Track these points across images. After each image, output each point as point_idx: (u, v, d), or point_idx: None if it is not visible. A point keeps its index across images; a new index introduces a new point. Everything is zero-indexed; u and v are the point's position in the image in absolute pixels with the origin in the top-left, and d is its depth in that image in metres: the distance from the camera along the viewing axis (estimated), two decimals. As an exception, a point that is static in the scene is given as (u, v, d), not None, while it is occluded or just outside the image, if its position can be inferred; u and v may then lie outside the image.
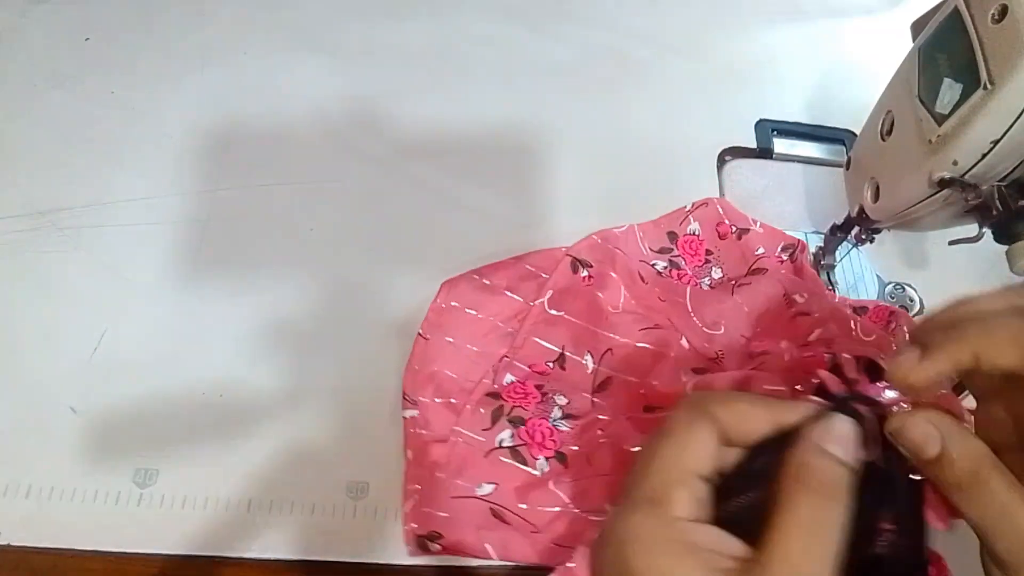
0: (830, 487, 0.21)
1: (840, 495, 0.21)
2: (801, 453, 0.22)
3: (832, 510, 0.21)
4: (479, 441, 0.50)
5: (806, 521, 0.21)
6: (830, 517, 0.21)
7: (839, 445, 0.22)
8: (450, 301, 0.56)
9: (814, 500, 0.21)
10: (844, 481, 0.22)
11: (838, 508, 0.21)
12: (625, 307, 0.56)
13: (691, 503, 0.22)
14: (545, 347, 0.54)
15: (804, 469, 0.22)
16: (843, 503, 0.21)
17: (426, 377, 0.53)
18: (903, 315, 0.57)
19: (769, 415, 0.24)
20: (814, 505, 0.21)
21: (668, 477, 0.23)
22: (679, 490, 0.22)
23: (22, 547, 0.47)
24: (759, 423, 0.24)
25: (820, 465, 0.22)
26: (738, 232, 0.61)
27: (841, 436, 0.23)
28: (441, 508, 0.47)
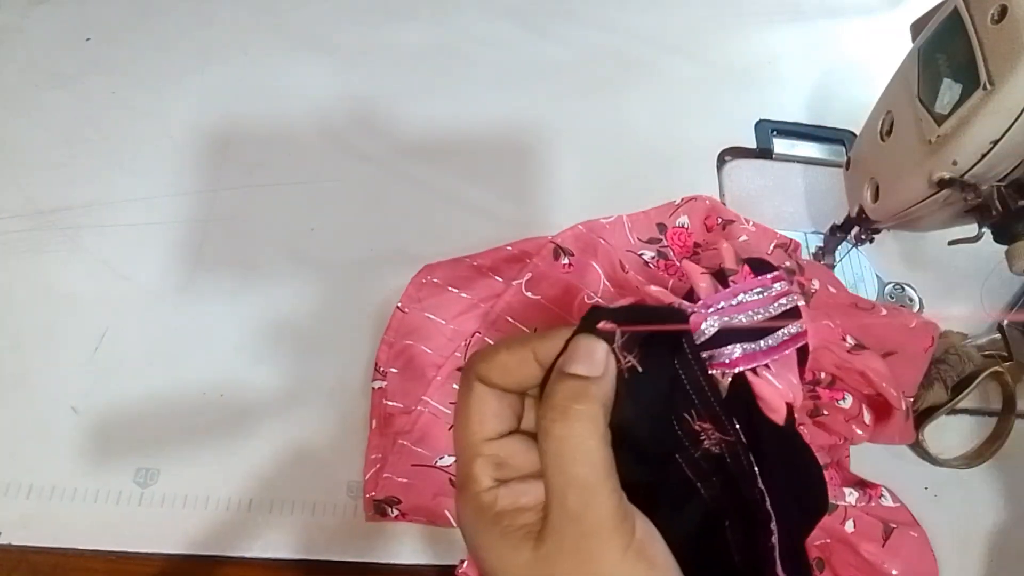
0: (565, 406, 0.22)
1: (578, 410, 0.22)
2: (548, 386, 0.23)
3: (572, 427, 0.22)
4: (445, 413, 0.50)
5: (555, 451, 0.22)
6: (574, 435, 0.21)
7: (579, 362, 0.23)
8: (431, 277, 0.57)
9: (555, 427, 0.22)
10: (584, 393, 0.22)
11: (580, 423, 0.22)
12: (604, 294, 0.56)
13: (487, 471, 0.23)
14: (517, 327, 0.55)
15: (545, 399, 0.22)
16: (586, 415, 0.22)
17: (400, 350, 0.54)
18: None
19: (530, 355, 0.24)
20: (555, 431, 0.22)
21: (463, 455, 0.24)
22: (473, 464, 0.23)
23: (23, 546, 0.47)
24: (526, 367, 0.24)
25: (558, 390, 0.22)
26: (723, 223, 0.61)
27: (582, 352, 0.23)
28: (401, 474, 0.48)
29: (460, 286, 0.56)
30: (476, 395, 0.24)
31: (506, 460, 0.24)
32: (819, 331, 0.45)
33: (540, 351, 0.24)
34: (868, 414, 0.48)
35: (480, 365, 0.24)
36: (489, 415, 0.24)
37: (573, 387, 0.22)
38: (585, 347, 0.23)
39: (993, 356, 0.58)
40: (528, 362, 0.24)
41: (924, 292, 0.62)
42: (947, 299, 0.63)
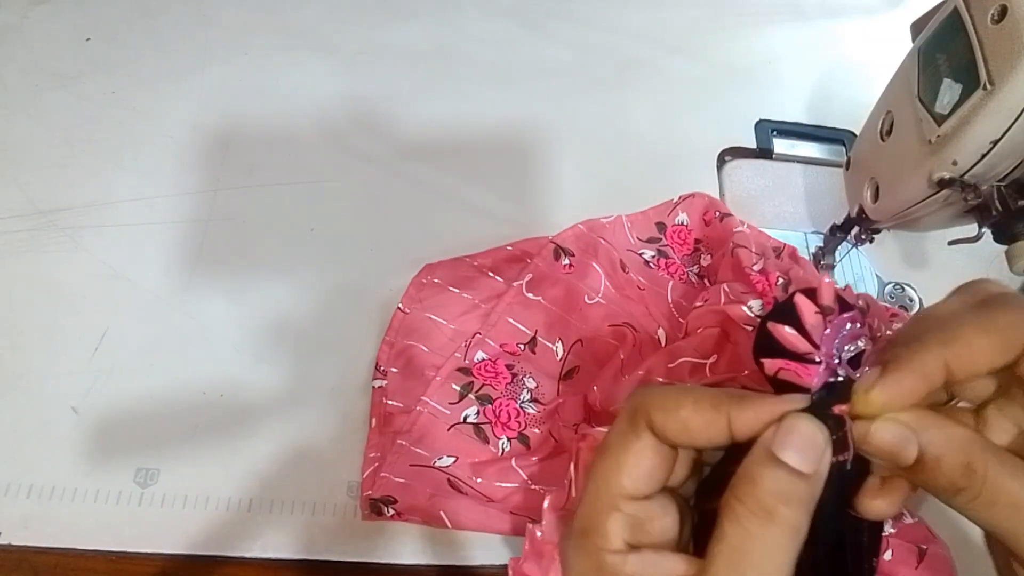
0: (772, 505, 0.18)
1: (785, 517, 0.18)
2: (748, 460, 0.19)
3: (772, 534, 0.18)
4: (444, 414, 0.51)
5: (739, 547, 0.18)
6: (769, 541, 0.18)
7: (797, 452, 0.18)
8: (432, 278, 0.57)
9: (753, 523, 0.18)
10: (794, 497, 0.18)
11: (780, 529, 0.18)
12: (604, 295, 0.56)
13: (621, 531, 0.20)
14: (518, 328, 0.55)
15: (745, 480, 0.19)
16: (789, 525, 0.18)
17: (400, 350, 0.54)
18: (904, 316, 0.57)
19: (724, 422, 0.20)
20: (752, 529, 0.18)
21: (599, 504, 0.21)
22: (608, 519, 0.20)
23: (23, 546, 0.47)
24: (713, 431, 0.20)
25: (766, 479, 0.18)
26: (720, 215, 0.61)
27: (802, 439, 0.19)
28: (398, 474, 0.48)
29: (461, 286, 0.56)
30: (640, 445, 0.20)
31: (644, 523, 0.21)
32: None
33: (738, 420, 0.20)
34: None
35: (656, 414, 0.20)
36: (645, 471, 0.21)
37: (784, 483, 0.18)
38: (805, 433, 0.19)
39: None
40: (718, 427, 0.20)
41: (924, 292, 0.62)
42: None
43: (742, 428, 0.20)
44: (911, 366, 0.19)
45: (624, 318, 0.56)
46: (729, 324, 0.51)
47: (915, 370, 0.19)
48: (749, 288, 0.53)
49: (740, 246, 0.56)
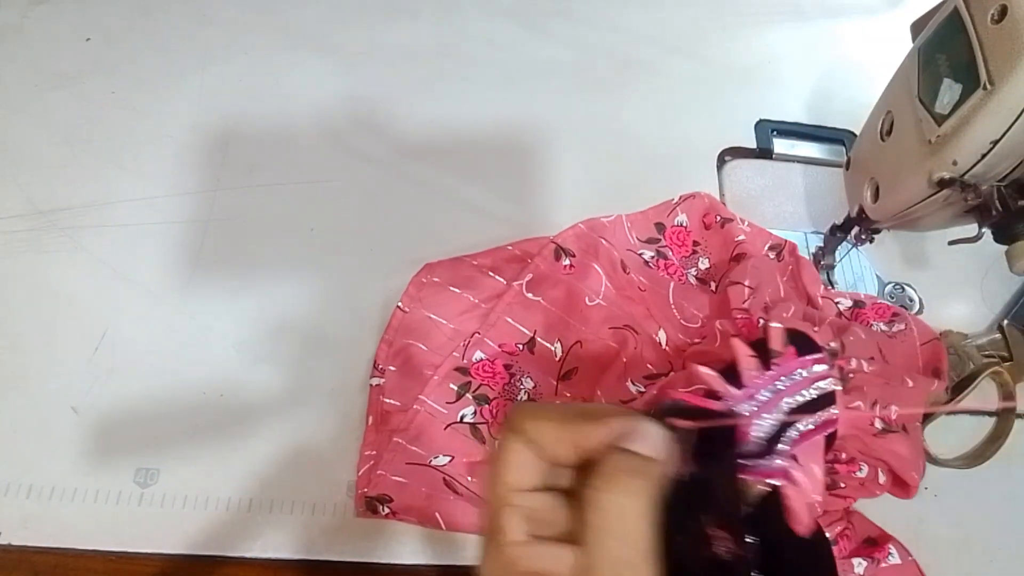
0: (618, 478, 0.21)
1: (636, 485, 0.21)
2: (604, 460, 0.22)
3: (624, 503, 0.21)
4: (441, 413, 0.51)
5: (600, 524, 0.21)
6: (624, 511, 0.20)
7: (642, 442, 0.22)
8: (432, 277, 0.57)
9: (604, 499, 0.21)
10: (637, 469, 0.21)
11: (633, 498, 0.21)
12: (605, 296, 0.56)
13: (519, 523, 0.22)
14: (517, 329, 0.55)
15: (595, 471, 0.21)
16: (638, 494, 0.21)
17: (399, 349, 0.54)
18: (906, 315, 0.57)
19: (573, 437, 0.22)
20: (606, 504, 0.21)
21: (495, 504, 0.22)
22: (505, 514, 0.22)
23: (23, 546, 0.47)
24: (563, 446, 0.22)
25: (611, 460, 0.21)
26: (722, 220, 0.61)
27: (644, 436, 0.22)
28: (395, 473, 0.48)
29: (461, 286, 0.56)
30: (514, 443, 0.23)
31: (538, 514, 0.23)
32: (850, 418, 0.47)
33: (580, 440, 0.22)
34: (883, 475, 0.49)
35: (527, 424, 0.23)
36: (526, 466, 0.23)
37: (630, 461, 0.21)
38: (647, 430, 0.22)
39: (993, 356, 0.58)
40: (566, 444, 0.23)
41: (924, 292, 0.62)
42: (947, 299, 0.62)
43: (584, 445, 0.22)
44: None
45: (625, 320, 0.55)
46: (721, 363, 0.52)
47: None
48: (736, 329, 0.53)
49: (735, 282, 0.55)
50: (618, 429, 0.22)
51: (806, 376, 0.28)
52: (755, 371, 0.27)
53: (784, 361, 0.28)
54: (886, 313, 0.57)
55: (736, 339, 0.27)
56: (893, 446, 0.48)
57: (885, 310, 0.57)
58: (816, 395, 0.28)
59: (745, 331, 0.52)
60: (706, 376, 0.27)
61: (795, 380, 0.28)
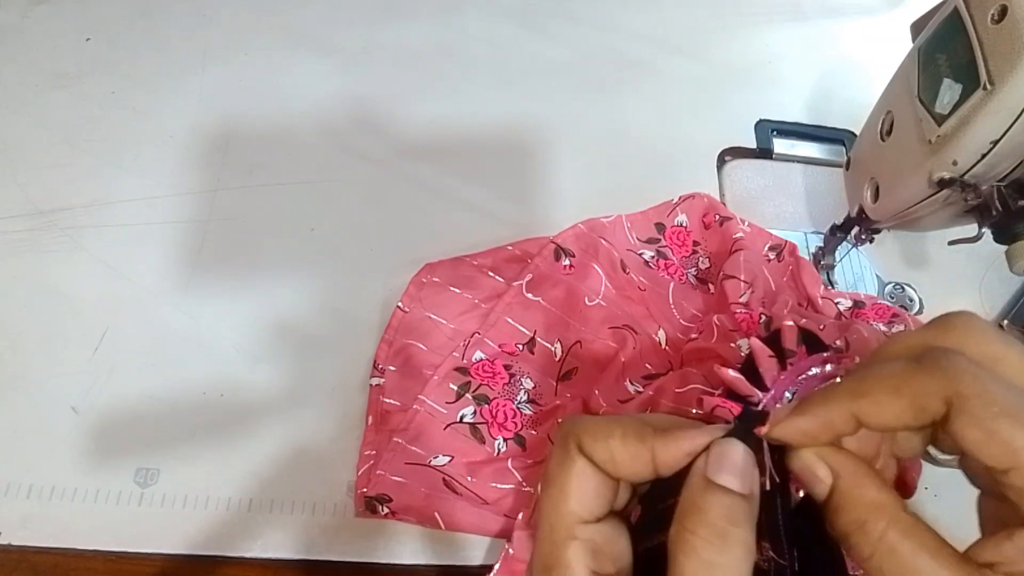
0: (724, 528, 0.19)
1: (738, 536, 0.19)
2: (688, 491, 0.20)
3: (730, 555, 0.18)
4: (441, 413, 0.51)
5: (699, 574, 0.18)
6: (728, 563, 0.18)
7: (732, 475, 0.19)
8: (432, 277, 0.57)
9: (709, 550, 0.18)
10: (741, 517, 0.19)
11: (735, 550, 0.18)
12: (605, 296, 0.56)
13: (583, 558, 0.20)
14: (517, 329, 0.55)
15: (692, 511, 0.19)
16: (743, 544, 0.19)
17: (399, 348, 0.54)
18: (905, 316, 0.57)
19: (648, 456, 0.20)
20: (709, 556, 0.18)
21: (556, 537, 0.21)
22: (567, 550, 0.20)
23: (23, 547, 0.47)
24: (638, 465, 0.20)
25: (711, 503, 0.19)
26: (720, 219, 0.61)
27: (734, 463, 0.19)
28: (394, 472, 0.48)
29: (461, 286, 0.56)
30: (579, 469, 0.21)
31: (602, 547, 0.21)
32: None
33: (661, 455, 0.20)
34: None
35: (586, 440, 0.21)
36: (591, 492, 0.21)
37: (729, 506, 0.19)
38: (735, 456, 0.20)
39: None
40: (642, 461, 0.20)
41: (924, 292, 0.62)
42: (947, 299, 0.63)
43: (666, 461, 0.20)
44: (814, 412, 0.20)
45: (625, 320, 0.56)
46: (721, 361, 0.51)
47: (818, 416, 0.20)
48: (735, 324, 0.53)
49: (730, 276, 0.55)
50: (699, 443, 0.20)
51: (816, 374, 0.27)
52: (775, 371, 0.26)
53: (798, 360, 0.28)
54: (886, 314, 0.57)
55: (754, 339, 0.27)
56: None
57: (885, 311, 0.57)
58: None
59: (745, 327, 0.52)
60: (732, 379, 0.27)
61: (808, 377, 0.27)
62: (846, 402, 0.20)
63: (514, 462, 0.49)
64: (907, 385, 0.19)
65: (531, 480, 0.49)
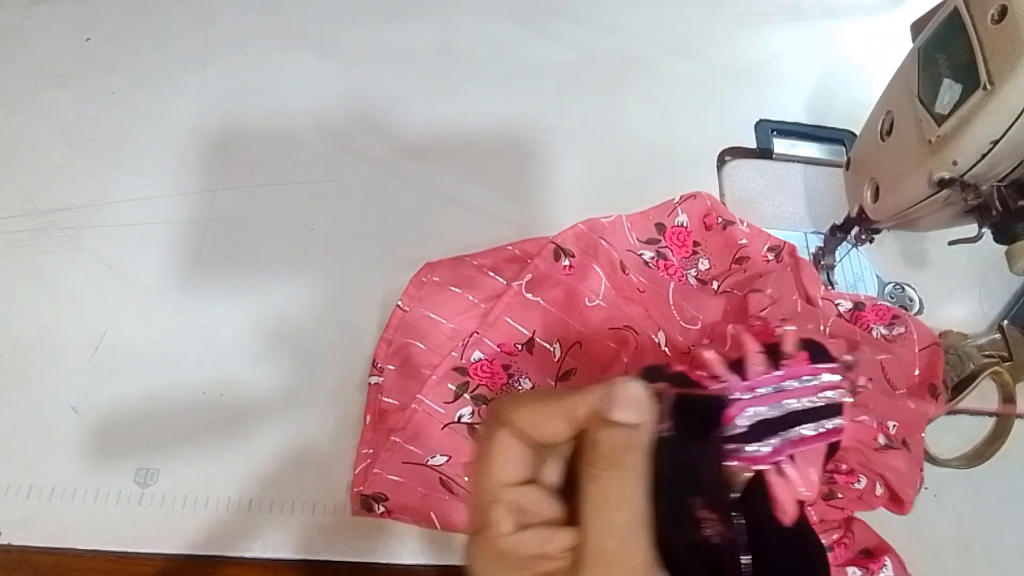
0: (616, 457, 0.22)
1: (632, 462, 0.22)
2: (589, 430, 0.22)
3: (623, 477, 0.22)
4: (439, 413, 0.51)
5: (601, 498, 0.22)
6: (623, 486, 0.22)
7: (623, 408, 0.22)
8: (432, 276, 0.57)
9: (605, 476, 0.22)
10: (631, 445, 0.22)
11: (629, 474, 0.22)
12: (605, 297, 0.56)
13: (507, 516, 0.23)
14: (516, 329, 0.55)
15: (590, 447, 0.22)
16: (633, 465, 0.22)
17: (398, 347, 0.54)
18: (906, 318, 0.57)
19: (562, 411, 0.23)
20: (606, 480, 0.22)
21: (484, 498, 0.23)
22: (495, 508, 0.23)
23: (23, 547, 0.47)
24: (556, 422, 0.23)
25: (606, 438, 0.22)
26: (723, 223, 0.61)
27: (625, 398, 0.22)
28: (391, 472, 0.48)
29: (461, 285, 0.56)
30: (500, 439, 0.23)
31: (526, 507, 0.23)
32: (855, 430, 0.48)
33: (579, 409, 0.23)
34: (880, 488, 0.50)
35: (509, 412, 0.23)
36: (512, 460, 0.23)
37: (621, 437, 0.22)
38: (628, 392, 0.22)
39: (993, 356, 0.58)
40: (558, 419, 0.23)
41: (924, 292, 0.62)
42: (947, 299, 0.63)
43: (577, 416, 0.23)
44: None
45: (625, 321, 0.55)
46: None
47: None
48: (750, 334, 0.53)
49: (756, 290, 0.55)
50: (601, 393, 0.23)
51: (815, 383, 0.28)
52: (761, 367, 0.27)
53: (793, 364, 0.28)
54: (886, 315, 0.57)
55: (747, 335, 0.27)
56: (892, 461, 0.49)
57: (885, 312, 0.57)
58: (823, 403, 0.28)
59: (760, 337, 0.52)
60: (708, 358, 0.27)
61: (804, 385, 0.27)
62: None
63: None
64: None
65: None
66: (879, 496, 0.49)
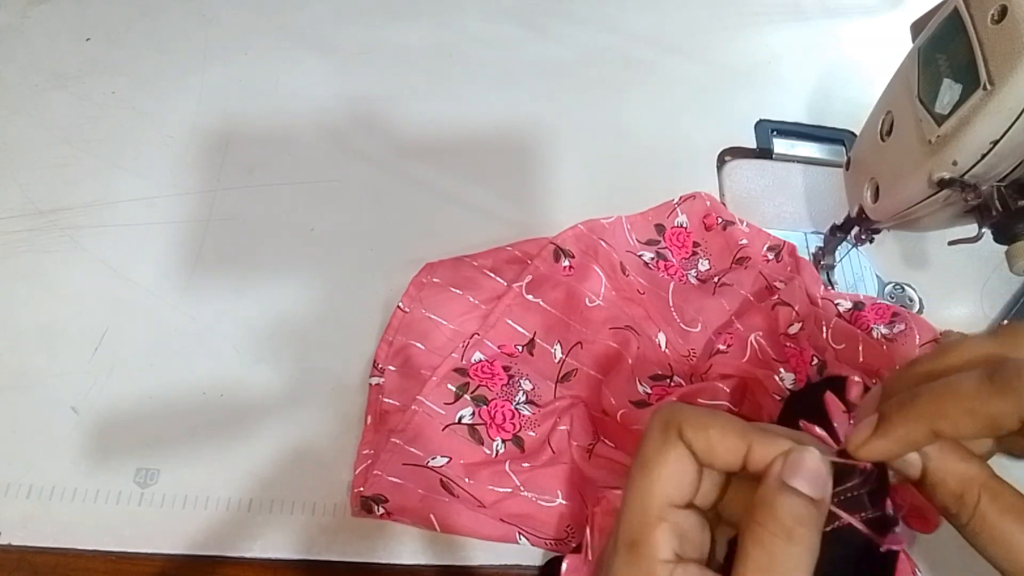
0: (791, 527, 0.20)
1: (803, 536, 0.20)
2: (763, 489, 0.21)
3: (793, 552, 0.20)
4: (439, 414, 0.50)
5: (766, 564, 0.20)
6: (790, 559, 0.20)
7: (805, 480, 0.20)
8: (432, 277, 0.57)
9: (775, 543, 0.20)
10: (808, 520, 0.20)
11: (800, 550, 0.20)
12: (605, 297, 0.56)
13: (671, 540, 0.21)
14: (517, 330, 0.55)
15: (763, 506, 0.21)
16: (806, 544, 0.20)
17: (399, 348, 0.54)
18: (906, 315, 0.57)
19: (743, 450, 0.22)
20: (774, 549, 0.20)
21: (645, 516, 0.22)
22: (656, 529, 0.21)
23: (23, 547, 0.47)
24: (731, 457, 0.22)
25: (781, 502, 0.20)
26: (723, 224, 0.61)
27: (809, 471, 0.21)
28: (391, 473, 0.48)
29: (461, 286, 0.56)
30: (678, 454, 0.22)
31: (687, 533, 0.22)
32: None
33: (757, 451, 0.22)
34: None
35: (687, 428, 0.22)
36: (686, 478, 0.22)
37: (800, 507, 0.20)
38: (810, 463, 0.21)
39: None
40: (737, 454, 0.22)
41: (924, 292, 0.62)
42: (947, 299, 0.63)
43: (759, 457, 0.21)
44: (896, 434, 0.22)
45: (626, 321, 0.55)
46: (754, 383, 0.51)
47: (900, 438, 0.22)
48: (780, 355, 0.52)
49: (785, 303, 0.55)
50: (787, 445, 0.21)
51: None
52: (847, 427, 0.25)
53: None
54: (886, 314, 0.57)
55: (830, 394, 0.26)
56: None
57: (885, 311, 0.57)
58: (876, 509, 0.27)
59: (793, 363, 0.52)
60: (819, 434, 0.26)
61: None
62: (925, 423, 0.21)
63: (512, 465, 0.49)
64: (984, 407, 0.20)
65: (529, 485, 0.49)
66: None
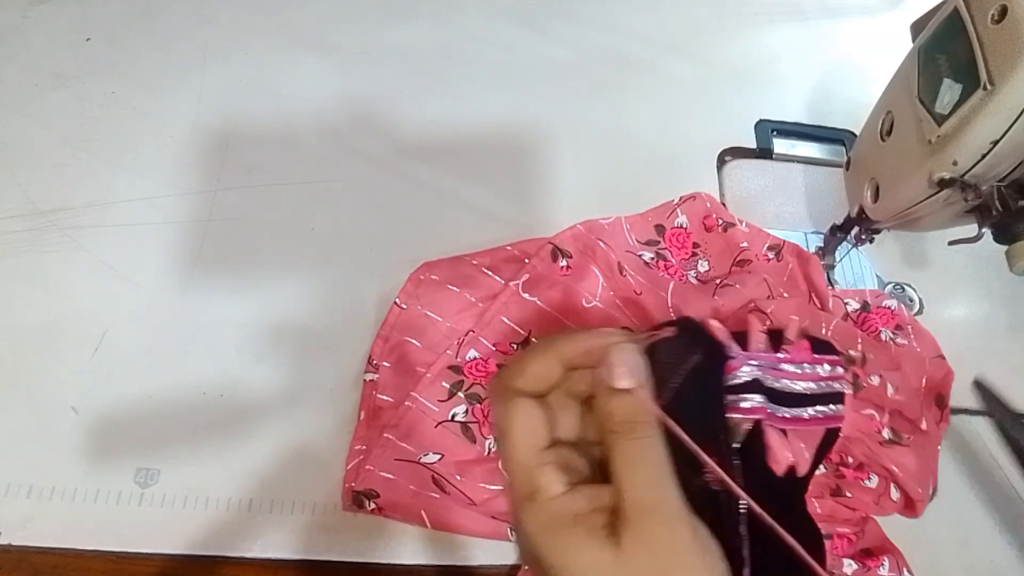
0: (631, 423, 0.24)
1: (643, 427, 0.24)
2: (597, 402, 0.25)
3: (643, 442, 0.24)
4: (432, 411, 0.50)
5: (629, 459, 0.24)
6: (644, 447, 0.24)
7: (623, 376, 0.24)
8: (430, 275, 0.57)
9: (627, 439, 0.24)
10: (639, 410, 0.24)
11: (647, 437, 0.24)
12: (602, 298, 0.56)
13: (557, 476, 0.24)
14: (512, 328, 0.54)
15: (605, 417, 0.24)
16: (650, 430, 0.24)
17: (394, 345, 0.54)
18: (909, 330, 0.57)
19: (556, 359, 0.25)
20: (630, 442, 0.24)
21: (523, 468, 0.24)
22: (539, 475, 0.24)
23: (23, 547, 0.47)
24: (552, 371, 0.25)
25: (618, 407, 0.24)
26: (724, 225, 0.61)
27: (624, 366, 0.24)
28: (383, 468, 0.48)
29: (459, 284, 0.56)
30: (522, 408, 0.25)
31: (567, 464, 0.25)
32: (857, 421, 0.48)
33: (565, 353, 0.25)
34: (896, 492, 0.49)
35: (515, 379, 0.25)
36: (540, 424, 0.25)
37: (629, 404, 0.24)
38: (624, 358, 0.24)
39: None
40: (554, 366, 0.25)
41: (924, 292, 0.62)
42: (947, 299, 0.63)
43: (568, 357, 0.25)
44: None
45: (624, 322, 0.55)
46: None
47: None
48: None
49: (758, 311, 0.54)
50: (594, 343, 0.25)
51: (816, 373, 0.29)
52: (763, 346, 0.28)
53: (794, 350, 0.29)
54: (890, 323, 0.57)
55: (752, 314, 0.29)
56: (901, 458, 0.49)
57: (889, 319, 0.57)
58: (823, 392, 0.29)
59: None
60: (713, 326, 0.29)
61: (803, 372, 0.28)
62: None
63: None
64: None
65: None
66: (895, 501, 0.49)
